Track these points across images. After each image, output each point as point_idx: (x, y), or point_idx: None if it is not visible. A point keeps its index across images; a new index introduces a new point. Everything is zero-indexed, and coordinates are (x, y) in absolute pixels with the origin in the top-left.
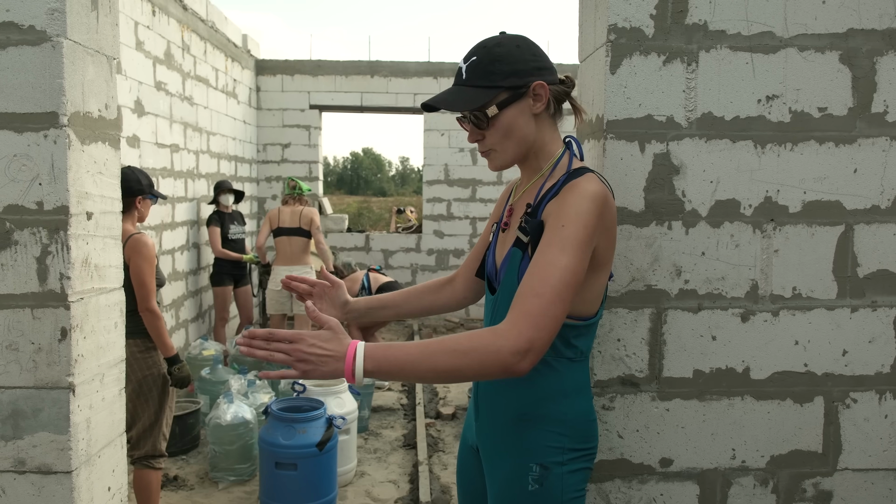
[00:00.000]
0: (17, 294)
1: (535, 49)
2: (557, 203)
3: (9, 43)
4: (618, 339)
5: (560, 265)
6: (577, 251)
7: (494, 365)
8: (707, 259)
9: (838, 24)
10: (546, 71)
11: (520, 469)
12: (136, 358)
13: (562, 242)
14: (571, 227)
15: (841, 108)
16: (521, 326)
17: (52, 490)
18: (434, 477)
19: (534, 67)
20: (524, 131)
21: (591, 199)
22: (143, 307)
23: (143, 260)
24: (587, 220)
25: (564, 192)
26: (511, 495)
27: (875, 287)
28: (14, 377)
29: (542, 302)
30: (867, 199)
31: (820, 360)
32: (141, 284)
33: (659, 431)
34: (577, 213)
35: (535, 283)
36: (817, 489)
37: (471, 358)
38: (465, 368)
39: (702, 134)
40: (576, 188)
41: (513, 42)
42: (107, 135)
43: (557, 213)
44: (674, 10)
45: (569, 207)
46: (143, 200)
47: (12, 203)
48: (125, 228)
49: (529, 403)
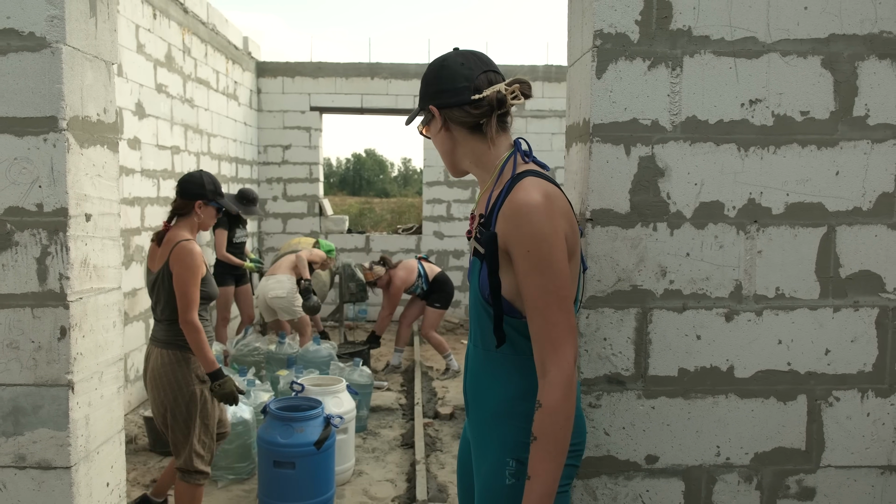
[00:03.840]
0: (18, 294)
1: (447, 71)
2: (509, 224)
3: (9, 49)
4: (604, 339)
5: (550, 287)
6: (554, 265)
7: (571, 402)
8: (692, 260)
9: (820, 29)
10: (445, 94)
11: (498, 464)
12: (169, 370)
13: (538, 267)
14: (536, 249)
15: (823, 111)
16: (561, 356)
17: (52, 485)
18: (431, 476)
19: (434, 91)
20: (441, 145)
21: (535, 211)
22: (182, 318)
23: (185, 269)
24: (545, 234)
25: (510, 211)
26: (491, 489)
27: (857, 287)
28: (15, 375)
29: (560, 328)
30: (849, 201)
31: (803, 359)
32: (182, 294)
33: (645, 429)
34: (532, 233)
35: (546, 314)
36: (800, 486)
37: (556, 418)
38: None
39: (686, 137)
40: (517, 206)
41: (438, 63)
42: (105, 138)
43: (517, 239)
44: (658, 16)
45: (522, 230)
46: (205, 207)
47: (13, 205)
48: (177, 234)
49: (506, 400)
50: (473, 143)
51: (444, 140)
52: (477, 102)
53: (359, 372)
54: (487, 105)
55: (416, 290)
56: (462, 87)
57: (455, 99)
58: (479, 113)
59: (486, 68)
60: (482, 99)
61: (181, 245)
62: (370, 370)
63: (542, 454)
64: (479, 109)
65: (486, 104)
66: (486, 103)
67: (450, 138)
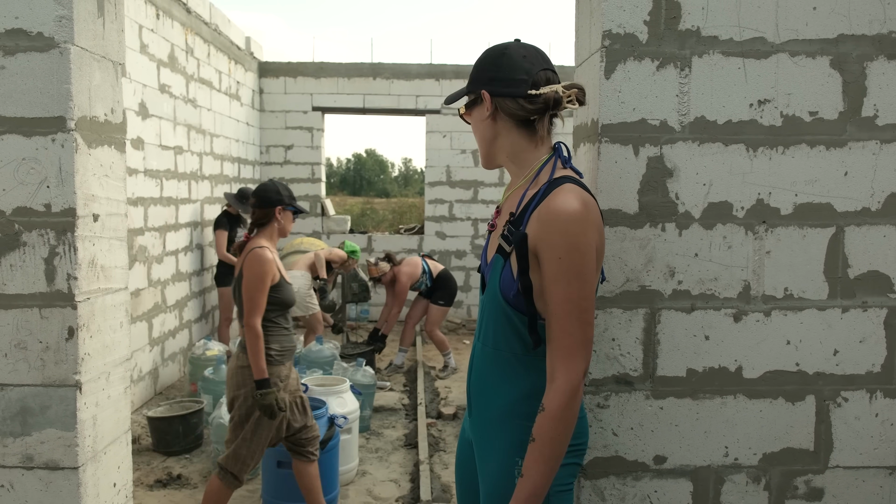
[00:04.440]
0: (26, 294)
1: (507, 60)
2: (544, 228)
3: (18, 49)
4: (612, 339)
5: (574, 297)
6: (582, 276)
7: (573, 411)
8: (700, 260)
9: (829, 29)
10: (501, 82)
11: (507, 464)
12: (238, 372)
13: (566, 275)
14: (567, 257)
15: (832, 112)
16: (570, 367)
17: (59, 485)
18: (435, 476)
19: (489, 77)
20: (482, 133)
21: (573, 220)
22: (245, 322)
23: (253, 275)
24: (579, 244)
25: (547, 215)
26: (499, 490)
27: (865, 288)
28: (23, 375)
29: (574, 339)
30: (857, 202)
31: (811, 360)
32: (247, 299)
33: (653, 429)
34: (566, 242)
35: (563, 324)
36: (809, 486)
37: (556, 424)
38: (563, 430)
39: (695, 137)
40: (555, 212)
41: (499, 50)
42: (113, 138)
43: (550, 244)
44: (667, 17)
45: (558, 237)
46: (284, 212)
47: (21, 205)
48: (254, 242)
49: (513, 401)
50: (517, 137)
51: (488, 128)
52: (533, 98)
53: (362, 372)
54: (543, 103)
55: (420, 286)
56: (520, 79)
57: (511, 90)
58: (532, 109)
59: (545, 66)
60: (539, 95)
61: (253, 252)
62: (373, 370)
63: (537, 456)
64: (533, 105)
65: (542, 102)
66: (541, 101)
67: (493, 127)
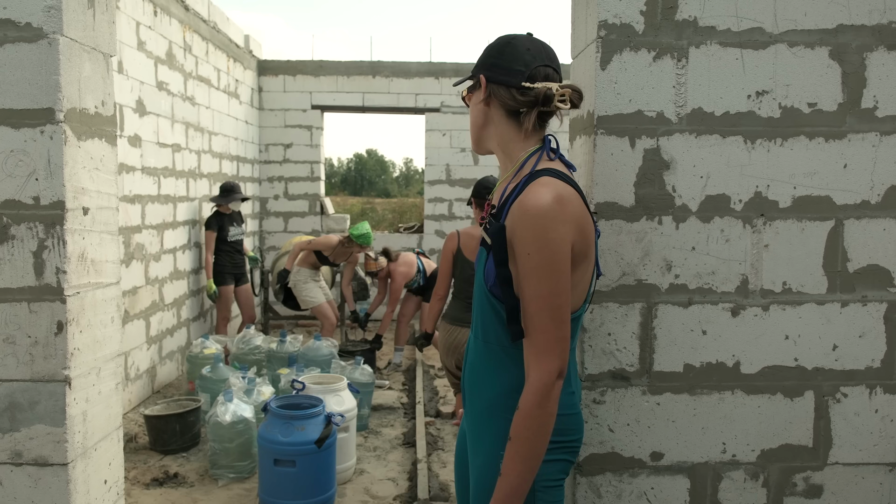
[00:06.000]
0: (14, 288)
1: (510, 49)
2: (516, 223)
3: (6, 40)
4: (608, 334)
5: (545, 293)
6: (554, 272)
7: (546, 410)
8: (697, 254)
9: (828, 19)
10: (499, 69)
11: (492, 457)
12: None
13: (536, 271)
14: (537, 253)
15: (831, 103)
16: (542, 365)
17: (49, 482)
18: (433, 475)
19: (491, 63)
20: (475, 117)
21: (542, 215)
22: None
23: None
24: (549, 239)
25: (518, 210)
26: (485, 482)
27: (865, 282)
28: (11, 370)
29: (547, 337)
30: (857, 195)
31: (810, 355)
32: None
33: (650, 425)
34: (536, 237)
35: (535, 321)
36: (808, 483)
37: (528, 423)
38: (537, 429)
39: (692, 129)
40: (525, 206)
41: (507, 40)
42: (103, 131)
43: (521, 239)
44: (664, 7)
45: (527, 232)
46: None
47: (9, 198)
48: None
49: (500, 394)
50: (506, 127)
51: (480, 113)
52: (525, 90)
53: (360, 370)
54: (533, 97)
55: (414, 284)
56: (517, 70)
57: (507, 78)
58: (522, 101)
59: (548, 63)
60: (531, 89)
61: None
62: (371, 369)
63: (513, 454)
64: (524, 98)
65: (533, 95)
66: (532, 94)
67: (485, 113)
